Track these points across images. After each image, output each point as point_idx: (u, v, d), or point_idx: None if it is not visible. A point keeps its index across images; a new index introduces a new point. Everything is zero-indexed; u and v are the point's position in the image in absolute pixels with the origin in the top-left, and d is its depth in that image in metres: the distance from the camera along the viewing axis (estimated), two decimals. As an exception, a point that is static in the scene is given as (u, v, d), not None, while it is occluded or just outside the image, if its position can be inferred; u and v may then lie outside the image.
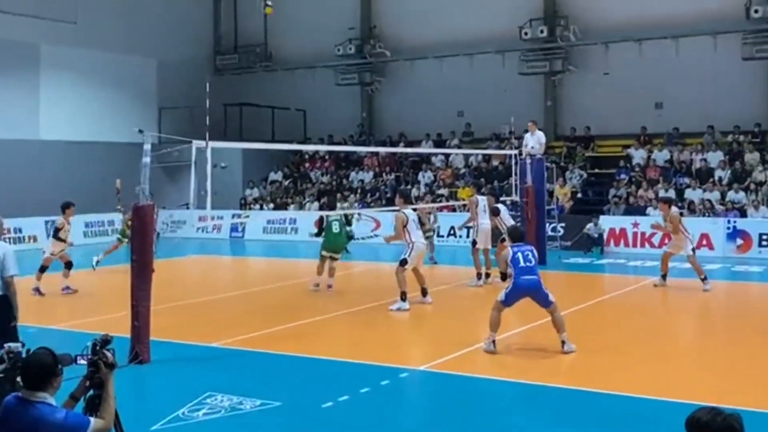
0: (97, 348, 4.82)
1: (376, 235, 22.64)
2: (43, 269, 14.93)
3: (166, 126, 28.10)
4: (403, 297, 13.20)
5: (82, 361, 4.79)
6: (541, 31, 26.57)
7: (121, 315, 10.85)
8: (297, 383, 9.01)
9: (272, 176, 30.58)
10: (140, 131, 10.22)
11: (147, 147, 9.89)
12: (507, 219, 16.43)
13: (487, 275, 16.06)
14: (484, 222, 16.36)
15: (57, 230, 15.17)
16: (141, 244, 9.98)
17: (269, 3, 17.17)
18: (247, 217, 26.94)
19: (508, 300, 10.11)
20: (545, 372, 9.38)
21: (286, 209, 27.61)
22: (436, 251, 19.52)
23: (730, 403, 7.31)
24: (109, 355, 4.82)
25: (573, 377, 9.25)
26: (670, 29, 25.07)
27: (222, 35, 33.85)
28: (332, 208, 14.33)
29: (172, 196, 26.63)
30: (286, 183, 29.99)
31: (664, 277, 15.50)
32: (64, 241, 15.15)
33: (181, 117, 27.72)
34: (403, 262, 13.32)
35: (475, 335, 10.91)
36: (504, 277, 10.46)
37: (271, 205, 28.42)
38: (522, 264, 10.00)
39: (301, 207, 27.59)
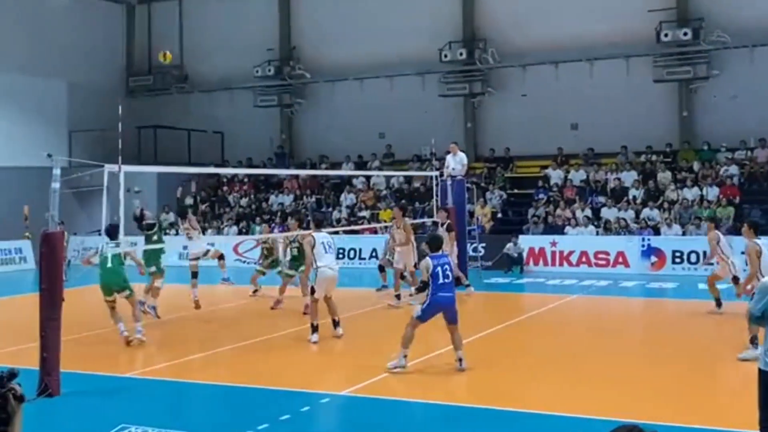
0: (4, 381, 4.51)
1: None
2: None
3: (77, 150, 27.29)
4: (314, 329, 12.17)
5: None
6: (461, 54, 26.80)
7: (28, 347, 10.37)
8: (215, 412, 8.73)
9: (188, 200, 29.85)
10: (49, 155, 9.81)
11: (56, 172, 9.51)
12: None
13: (398, 296, 15.94)
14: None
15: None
16: (50, 273, 9.54)
17: (168, 52, 18.45)
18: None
19: (425, 316, 10.14)
20: (468, 393, 9.31)
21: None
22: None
23: (650, 419, 7.36)
24: (17, 387, 4.51)
25: (495, 397, 9.14)
26: (585, 52, 25.64)
27: (135, 56, 33.16)
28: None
29: (83, 222, 25.77)
30: (203, 207, 29.35)
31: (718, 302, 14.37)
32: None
33: (92, 140, 26.98)
34: (312, 290, 12.33)
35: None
36: (424, 287, 10.20)
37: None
38: (441, 281, 10.04)
39: (219, 232, 27.01)
